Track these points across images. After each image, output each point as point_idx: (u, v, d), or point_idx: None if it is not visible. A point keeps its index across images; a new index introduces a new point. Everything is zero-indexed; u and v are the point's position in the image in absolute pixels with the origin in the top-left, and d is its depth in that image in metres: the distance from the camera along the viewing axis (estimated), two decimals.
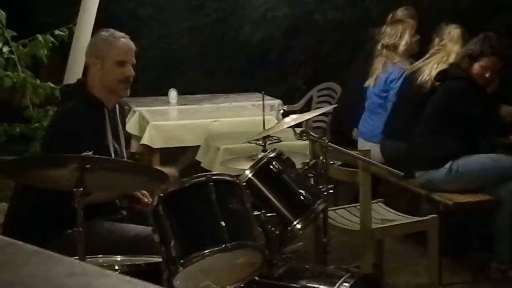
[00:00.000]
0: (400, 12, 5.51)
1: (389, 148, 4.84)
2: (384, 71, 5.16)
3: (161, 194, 2.51)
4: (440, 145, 4.31)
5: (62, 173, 2.53)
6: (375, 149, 4.73)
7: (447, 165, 4.24)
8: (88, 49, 3.44)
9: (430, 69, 4.63)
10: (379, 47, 5.21)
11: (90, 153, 2.52)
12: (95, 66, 3.35)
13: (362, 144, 5.11)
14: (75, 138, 3.10)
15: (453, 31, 4.72)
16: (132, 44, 3.39)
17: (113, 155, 3.31)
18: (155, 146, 5.55)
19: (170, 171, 3.36)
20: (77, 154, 2.53)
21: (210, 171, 4.29)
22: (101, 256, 2.75)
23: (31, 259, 1.13)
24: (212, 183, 2.51)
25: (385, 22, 5.40)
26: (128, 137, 4.91)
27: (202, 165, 4.87)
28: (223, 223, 2.45)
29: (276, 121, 5.05)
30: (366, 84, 5.29)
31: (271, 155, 2.93)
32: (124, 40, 3.36)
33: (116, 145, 3.38)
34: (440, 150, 4.30)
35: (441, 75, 4.47)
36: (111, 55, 3.31)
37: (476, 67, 4.30)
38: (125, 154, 3.44)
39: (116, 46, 3.33)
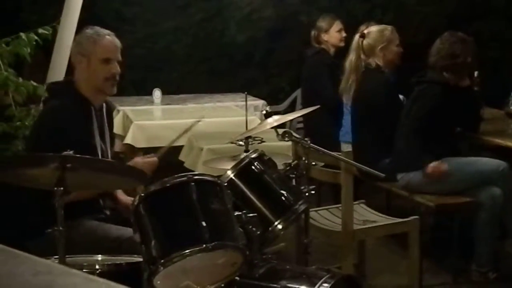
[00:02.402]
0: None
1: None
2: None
3: (142, 194, 2.51)
4: (420, 147, 4.31)
5: (43, 172, 2.52)
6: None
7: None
8: (74, 47, 3.44)
9: None
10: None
11: (71, 152, 2.51)
12: (80, 64, 3.34)
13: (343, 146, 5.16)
14: (62, 135, 3.09)
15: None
16: (117, 41, 3.38)
17: (100, 154, 3.31)
18: (138, 146, 5.54)
19: (150, 159, 3.37)
20: (62, 151, 2.52)
21: (193, 171, 4.29)
22: (82, 255, 2.75)
23: None
24: (193, 183, 2.52)
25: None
26: (113, 136, 4.91)
27: (185, 165, 4.87)
28: (204, 223, 2.45)
29: (259, 122, 5.06)
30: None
31: (252, 156, 2.93)
32: (109, 37, 3.36)
33: (102, 145, 3.37)
34: (419, 152, 4.30)
35: (417, 78, 4.46)
36: (96, 53, 3.31)
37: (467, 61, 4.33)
38: (109, 154, 3.43)
39: (101, 44, 3.32)
